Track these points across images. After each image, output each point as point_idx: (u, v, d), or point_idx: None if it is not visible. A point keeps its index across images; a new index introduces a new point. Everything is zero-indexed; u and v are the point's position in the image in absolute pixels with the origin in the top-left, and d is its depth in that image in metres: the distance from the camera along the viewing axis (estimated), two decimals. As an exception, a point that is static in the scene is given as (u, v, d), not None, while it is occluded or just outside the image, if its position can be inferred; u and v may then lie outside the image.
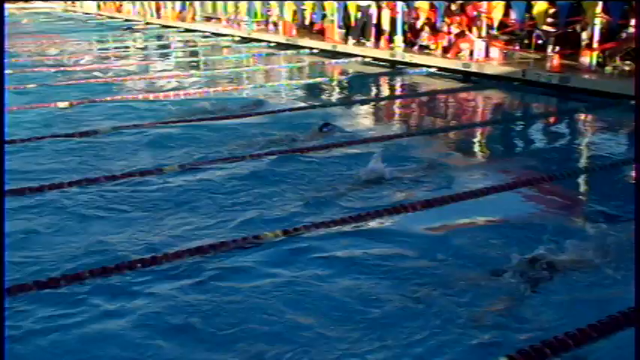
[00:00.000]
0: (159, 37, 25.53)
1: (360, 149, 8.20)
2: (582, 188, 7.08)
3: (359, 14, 17.83)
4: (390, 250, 5.15)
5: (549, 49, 14.12)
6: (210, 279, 4.68)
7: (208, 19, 28.36)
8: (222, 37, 24.31)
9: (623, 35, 12.62)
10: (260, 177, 7.05)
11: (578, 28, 13.76)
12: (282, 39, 21.31)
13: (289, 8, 21.21)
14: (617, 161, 7.81)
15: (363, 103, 11.68)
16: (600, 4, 12.29)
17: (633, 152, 8.35)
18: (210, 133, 9.11)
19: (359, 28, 17.73)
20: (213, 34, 25.24)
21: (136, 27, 29.91)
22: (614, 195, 6.65)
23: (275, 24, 22.76)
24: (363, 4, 17.59)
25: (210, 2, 27.75)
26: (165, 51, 21.17)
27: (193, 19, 29.28)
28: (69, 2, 48.97)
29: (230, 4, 25.50)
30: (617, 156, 8.07)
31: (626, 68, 12.39)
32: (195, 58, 18.60)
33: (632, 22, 12.27)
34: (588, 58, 12.85)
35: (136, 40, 24.70)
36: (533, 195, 6.56)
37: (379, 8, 17.56)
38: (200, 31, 26.36)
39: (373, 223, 5.71)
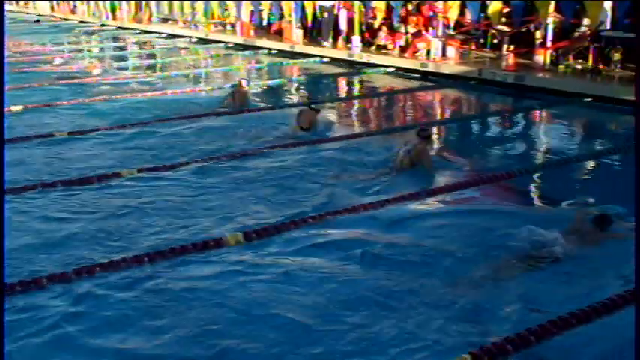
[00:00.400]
0: (115, 39, 25.19)
1: (320, 148, 8.24)
2: (539, 184, 7.19)
3: (325, 15, 17.77)
4: (349, 248, 5.17)
5: (504, 48, 14.36)
6: (165, 283, 4.65)
7: (165, 20, 28.09)
8: (179, 38, 24.11)
9: (576, 34, 12.89)
10: (221, 179, 7.03)
11: (532, 27, 14.02)
12: (239, 40, 21.22)
13: (246, 9, 21.13)
14: (571, 157, 7.97)
15: (322, 102, 11.69)
16: (553, 3, 12.52)
17: (586, 148, 8.56)
18: (168, 135, 9.04)
19: (329, 29, 17.65)
20: (169, 35, 25.01)
21: (91, 29, 29.46)
22: (571, 190, 6.79)
23: (232, 25, 22.66)
24: (327, 4, 17.57)
25: (166, 3, 27.46)
26: (122, 53, 20.90)
27: (150, 20, 28.97)
28: (21, 3, 47.99)
29: (187, 5, 25.29)
30: (571, 152, 8.23)
31: (579, 67, 12.65)
32: (152, 60, 18.39)
33: (584, 21, 12.54)
34: (542, 57, 13.10)
35: (91, 42, 24.31)
36: (492, 192, 6.64)
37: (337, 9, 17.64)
38: (157, 33, 26.10)
39: (334, 223, 5.72)
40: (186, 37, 24.09)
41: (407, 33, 15.76)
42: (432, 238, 5.41)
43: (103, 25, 30.72)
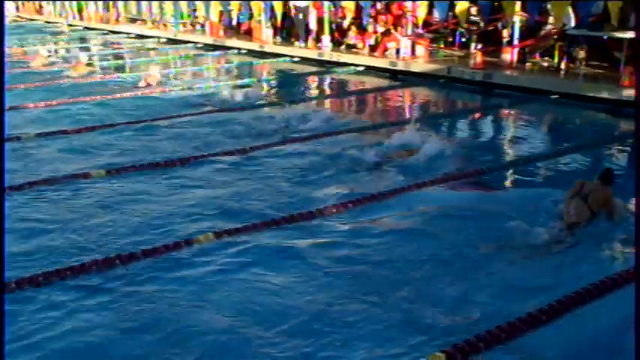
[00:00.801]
0: (82, 40, 24.90)
1: (292, 147, 8.27)
2: (508, 180, 7.27)
3: (300, 15, 17.73)
4: (319, 248, 5.22)
5: (472, 46, 14.50)
6: (138, 284, 4.64)
7: (133, 20, 27.85)
8: (148, 38, 23.92)
9: (542, 33, 13.07)
10: (193, 179, 7.03)
11: (499, 26, 14.18)
12: (209, 40, 21.13)
13: (215, 9, 21.05)
14: (540, 153, 8.07)
15: (293, 102, 11.71)
16: (519, 3, 12.67)
17: (553, 144, 8.68)
18: (137, 136, 8.99)
19: (303, 29, 17.61)
20: (138, 35, 24.80)
21: (58, 29, 29.09)
22: (539, 186, 6.89)
23: (202, 25, 22.56)
24: (301, 4, 17.56)
25: (134, 3, 27.22)
26: (89, 53, 20.67)
27: (117, 20, 28.70)
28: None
29: (155, 5, 25.10)
30: (539, 148, 8.34)
31: (545, 64, 12.83)
32: (121, 61, 18.22)
33: (550, 19, 12.71)
34: (509, 55, 13.27)
35: (58, 42, 23.98)
36: (462, 188, 6.71)
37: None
38: (125, 33, 25.86)
39: (303, 223, 5.75)
40: (154, 37, 23.91)
41: (376, 32, 15.84)
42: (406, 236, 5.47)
43: (70, 25, 30.35)
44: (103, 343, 3.95)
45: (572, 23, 12.41)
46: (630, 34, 11.28)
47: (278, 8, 18.35)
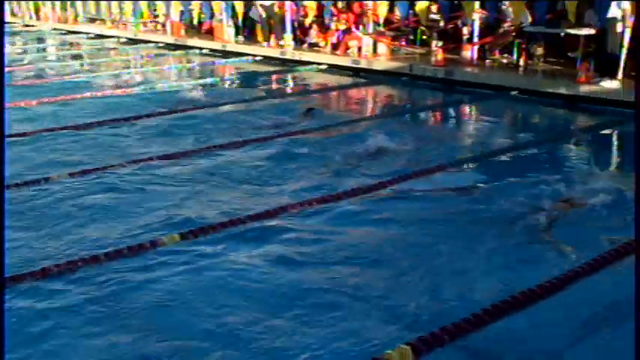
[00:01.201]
0: (40, 40, 24.50)
1: (255, 148, 8.29)
2: (470, 176, 7.37)
3: (264, 14, 17.65)
4: (285, 247, 5.25)
5: (433, 44, 14.66)
6: (101, 287, 4.61)
7: (92, 20, 27.49)
8: (108, 38, 23.64)
9: (501, 30, 13.27)
10: (156, 179, 7.00)
11: (459, 23, 14.36)
12: (170, 39, 20.99)
13: (176, 8, 20.89)
14: (500, 149, 8.21)
15: (255, 100, 11.71)
16: (478, 1, 12.84)
17: (513, 140, 8.82)
18: (99, 137, 8.91)
19: (278, 28, 17.49)
20: (97, 35, 24.49)
21: (14, 29, 28.57)
22: (500, 182, 7.01)
23: (163, 24, 22.38)
24: (267, 3, 17.51)
25: (93, 3, 26.86)
26: (47, 54, 20.36)
27: (76, 20, 28.29)
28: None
29: (114, 4, 24.81)
30: (501, 143, 8.47)
31: (504, 61, 13.03)
32: (80, 61, 17.99)
33: (508, 17, 12.90)
34: (469, 53, 13.46)
35: (15, 43, 23.56)
36: (423, 186, 6.79)
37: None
38: (84, 33, 25.51)
39: (269, 223, 5.77)
40: (114, 37, 23.64)
41: (338, 30, 15.91)
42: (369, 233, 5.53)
43: (26, 25, 29.82)
44: (69, 344, 3.93)
45: (529, 21, 12.63)
46: (586, 31, 11.53)
47: (239, 7, 18.27)
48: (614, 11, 10.28)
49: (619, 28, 10.38)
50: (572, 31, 11.86)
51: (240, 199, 6.38)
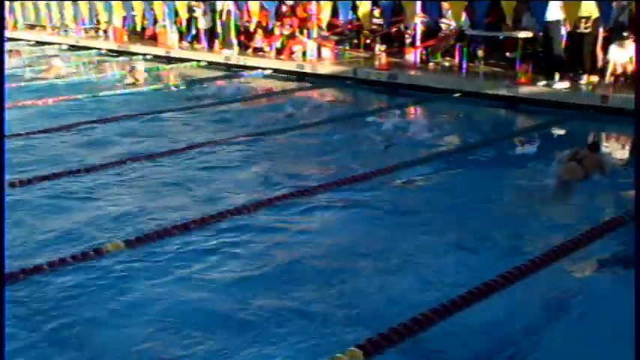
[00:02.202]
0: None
1: (198, 153, 8.25)
2: (417, 177, 7.45)
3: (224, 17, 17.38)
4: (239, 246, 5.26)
5: (377, 48, 14.79)
6: (46, 296, 4.53)
7: (32, 27, 26.85)
8: (49, 45, 23.13)
9: (441, 34, 13.49)
10: (104, 187, 6.93)
11: (402, 27, 14.55)
12: (113, 46, 20.67)
13: (118, 14, 20.57)
14: (445, 151, 8.33)
15: (200, 107, 11.63)
16: (419, 4, 13.02)
17: (457, 140, 8.97)
18: (40, 146, 8.73)
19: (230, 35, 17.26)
20: (37, 42, 23.94)
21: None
22: (449, 183, 7.14)
23: (105, 31, 22.02)
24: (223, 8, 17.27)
25: (32, 9, 26.22)
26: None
27: (15, 27, 27.60)
28: None
29: (55, 10, 24.27)
30: (445, 146, 8.61)
31: (446, 64, 13.25)
32: (21, 69, 17.50)
33: (448, 20, 13.11)
34: (412, 56, 13.64)
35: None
36: (371, 190, 6.85)
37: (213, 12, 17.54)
38: (24, 40, 24.90)
39: (216, 223, 5.75)
40: (55, 43, 23.16)
41: (282, 35, 15.93)
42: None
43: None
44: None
45: (468, 24, 12.88)
46: (524, 34, 11.82)
47: (182, 12, 18.10)
48: (555, 14, 10.54)
49: (563, 30, 10.68)
50: (512, 34, 12.15)
51: (185, 204, 6.34)
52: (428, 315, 4.06)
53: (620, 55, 10.19)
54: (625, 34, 10.15)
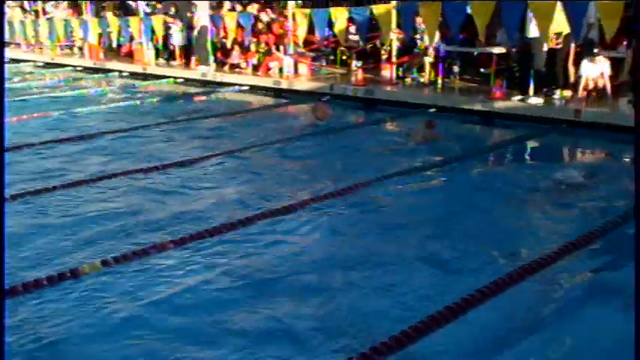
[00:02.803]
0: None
1: (175, 170, 8.24)
2: (391, 191, 7.48)
3: (197, 33, 17.33)
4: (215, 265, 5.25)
5: (353, 64, 14.90)
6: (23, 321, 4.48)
7: (6, 44, 26.64)
8: (23, 62, 22.99)
9: (417, 50, 13.62)
10: (81, 205, 6.88)
11: (377, 43, 14.67)
12: (89, 63, 20.59)
13: (94, 31, 20.50)
14: (426, 165, 8.39)
15: (176, 123, 11.61)
16: (394, 21, 13.13)
17: (434, 154, 9.04)
18: (14, 164, 8.65)
19: (204, 50, 17.28)
20: (12, 60, 23.76)
21: None
22: (425, 197, 7.20)
23: (80, 48, 21.92)
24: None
25: (6, 26, 26.00)
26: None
27: (-11, 44, 27.37)
28: None
29: (29, 27, 24.11)
30: (426, 161, 8.67)
31: (422, 80, 13.36)
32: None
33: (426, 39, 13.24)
34: (388, 72, 13.75)
35: None
36: (348, 204, 6.88)
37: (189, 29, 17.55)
38: (-3, 57, 24.68)
39: (195, 242, 5.73)
40: (30, 61, 23.02)
41: (258, 52, 15.99)
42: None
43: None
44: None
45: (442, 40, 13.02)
46: (497, 50, 11.99)
47: (158, 30, 18.08)
48: (536, 31, 10.71)
49: (545, 47, 10.83)
50: (486, 50, 12.32)
51: (160, 223, 6.32)
52: (417, 327, 4.09)
53: (591, 71, 10.39)
54: (595, 50, 10.35)
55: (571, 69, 10.97)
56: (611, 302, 4.49)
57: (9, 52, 24.75)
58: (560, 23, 10.47)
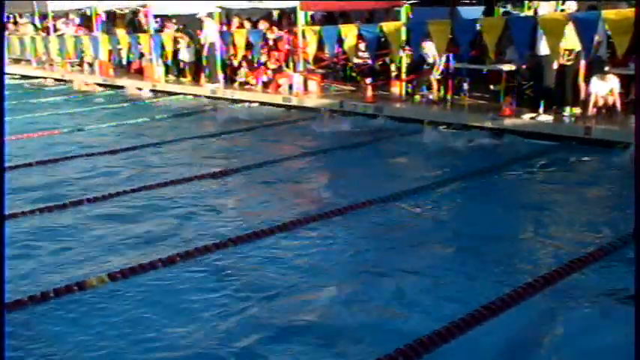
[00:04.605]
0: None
1: (185, 186, 8.24)
2: (405, 209, 7.45)
3: (205, 51, 17.41)
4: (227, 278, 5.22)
5: (363, 81, 14.91)
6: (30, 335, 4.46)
7: (17, 60, 26.87)
8: (34, 79, 23.15)
9: (427, 66, 13.63)
10: (85, 221, 6.87)
11: (387, 60, 14.70)
12: (99, 79, 20.71)
13: (104, 48, 20.64)
14: (433, 181, 8.35)
15: (185, 140, 11.63)
16: (404, 38, 13.16)
17: (445, 171, 9.00)
18: (25, 180, 8.69)
19: (214, 67, 17.27)
20: (23, 76, 23.94)
21: None
22: (439, 214, 7.17)
23: (91, 64, 22.06)
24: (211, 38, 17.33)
25: (17, 43, 26.23)
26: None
27: None
28: None
29: (40, 44, 24.30)
30: (433, 176, 8.64)
31: (432, 97, 13.36)
32: (5, 103, 17.42)
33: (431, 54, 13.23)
34: (398, 89, 13.76)
35: None
36: (358, 220, 6.87)
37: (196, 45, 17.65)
38: (8, 74, 24.89)
39: (200, 257, 5.72)
40: (41, 77, 23.17)
41: (268, 69, 16.03)
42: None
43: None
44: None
45: (451, 57, 13.03)
46: (507, 67, 11.98)
47: (168, 46, 18.20)
48: (544, 49, 10.69)
49: (555, 64, 10.80)
50: (495, 67, 12.32)
51: (167, 238, 6.31)
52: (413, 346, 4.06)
53: (600, 88, 10.36)
54: (606, 68, 10.33)
55: (581, 86, 10.94)
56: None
57: (20, 69, 24.96)
58: (570, 40, 10.46)
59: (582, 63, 10.82)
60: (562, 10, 11.18)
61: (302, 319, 4.59)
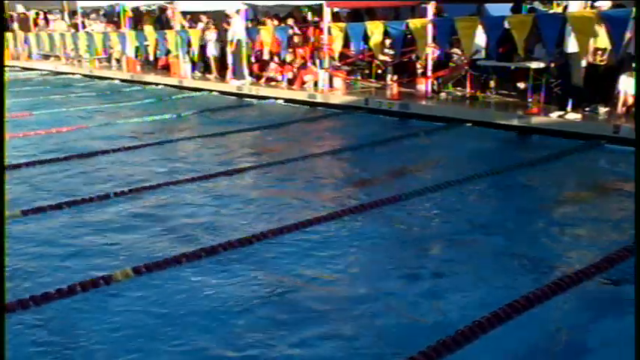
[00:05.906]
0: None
1: (209, 182, 8.29)
2: (428, 207, 7.42)
3: (231, 49, 17.45)
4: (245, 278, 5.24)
5: (388, 78, 14.87)
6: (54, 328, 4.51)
7: (46, 57, 27.22)
8: (63, 75, 23.42)
9: (452, 64, 13.56)
10: (114, 215, 6.92)
11: (413, 57, 14.63)
12: (126, 76, 20.89)
13: (131, 44, 20.82)
14: (460, 179, 8.30)
15: (213, 136, 11.68)
16: (430, 35, 13.10)
17: (470, 170, 8.95)
18: (53, 174, 8.78)
19: (240, 63, 17.28)
20: (52, 72, 24.23)
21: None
22: (465, 211, 7.11)
23: (118, 60, 22.28)
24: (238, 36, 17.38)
25: (47, 39, 26.57)
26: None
27: (29, 57, 27.98)
28: None
29: (69, 41, 24.60)
30: (460, 175, 8.58)
31: (458, 94, 13.29)
32: (36, 98, 17.65)
33: (457, 51, 13.18)
34: (424, 86, 13.69)
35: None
36: (382, 218, 6.84)
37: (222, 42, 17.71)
38: (38, 70, 25.22)
39: (218, 256, 5.74)
40: (69, 73, 23.43)
41: (293, 65, 16.04)
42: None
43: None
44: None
45: (482, 54, 12.94)
46: (535, 64, 11.86)
47: (195, 42, 18.30)
48: (575, 46, 10.54)
49: (583, 63, 10.67)
50: (523, 65, 12.19)
51: (193, 234, 6.34)
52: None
53: (629, 86, 10.21)
54: (634, 65, 10.19)
55: (611, 84, 10.78)
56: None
57: (48, 65, 25.27)
58: (601, 38, 10.31)
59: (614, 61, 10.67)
60: (592, 8, 11.02)
61: (325, 316, 4.58)
